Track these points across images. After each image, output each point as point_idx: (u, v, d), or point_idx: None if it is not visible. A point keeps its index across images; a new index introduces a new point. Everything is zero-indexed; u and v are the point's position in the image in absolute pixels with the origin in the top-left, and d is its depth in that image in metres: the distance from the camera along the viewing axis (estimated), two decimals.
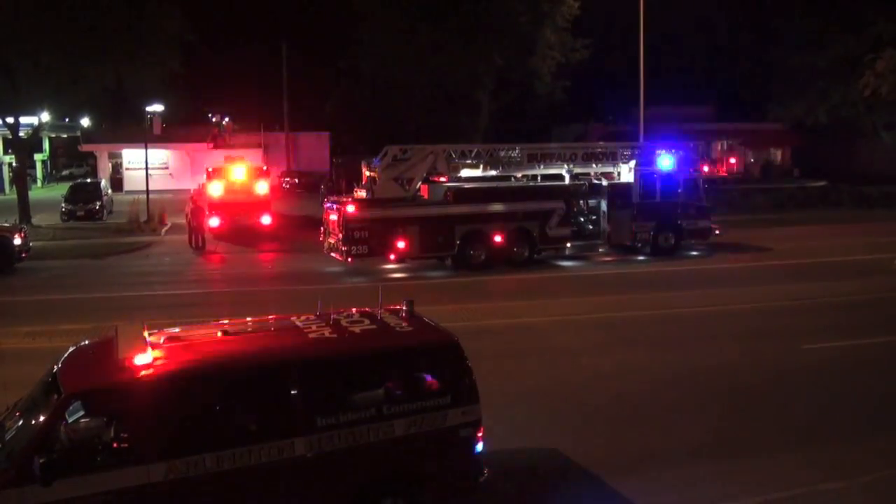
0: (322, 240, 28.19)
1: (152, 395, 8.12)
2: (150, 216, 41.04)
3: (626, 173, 30.42)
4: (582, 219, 29.57)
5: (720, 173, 33.55)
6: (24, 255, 28.40)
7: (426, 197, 28.00)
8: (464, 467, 9.36)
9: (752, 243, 32.31)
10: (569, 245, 28.88)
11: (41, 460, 7.45)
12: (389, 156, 28.25)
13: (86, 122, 64.64)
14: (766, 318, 19.92)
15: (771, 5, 59.71)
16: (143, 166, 46.36)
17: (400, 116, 58.74)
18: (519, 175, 30.31)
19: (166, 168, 64.88)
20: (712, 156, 33.62)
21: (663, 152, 30.44)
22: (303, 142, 72.22)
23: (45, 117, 45.43)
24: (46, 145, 70.97)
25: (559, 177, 30.24)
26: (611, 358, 16.53)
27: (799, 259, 28.80)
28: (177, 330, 9.52)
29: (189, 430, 8.33)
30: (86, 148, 68.08)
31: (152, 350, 8.49)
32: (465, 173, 29.13)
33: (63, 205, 43.77)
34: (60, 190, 51.57)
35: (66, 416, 8.22)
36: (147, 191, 43.42)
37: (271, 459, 8.33)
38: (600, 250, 30.13)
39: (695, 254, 30.39)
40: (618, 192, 29.68)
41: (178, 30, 41.89)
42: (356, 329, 9.58)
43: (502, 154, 29.72)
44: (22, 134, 43.24)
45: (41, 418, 8.08)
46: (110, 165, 66.14)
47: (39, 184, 68.46)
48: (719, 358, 16.38)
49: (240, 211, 35.91)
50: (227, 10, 74.82)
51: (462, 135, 53.65)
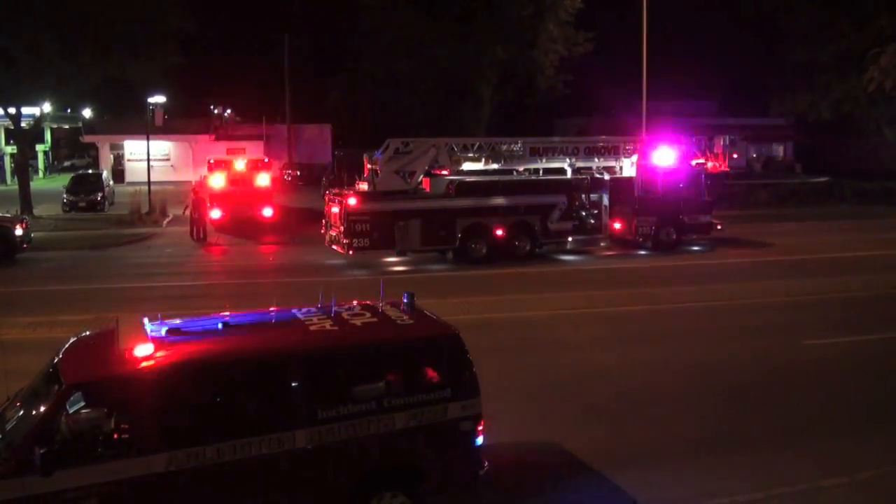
0: (323, 232, 28.20)
1: (153, 386, 8.12)
2: (152, 208, 41.06)
3: (628, 167, 30.41)
4: (584, 213, 29.54)
5: (722, 168, 33.47)
6: (25, 245, 28.43)
7: (428, 190, 28.00)
8: (464, 460, 9.35)
9: (753, 238, 32.30)
10: (570, 239, 28.89)
11: (41, 451, 7.44)
12: (391, 148, 28.23)
13: (87, 113, 64.67)
14: (766, 313, 19.90)
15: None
16: (144, 157, 46.32)
17: (402, 109, 58.75)
18: (521, 169, 30.30)
19: (168, 159, 64.90)
20: (714, 150, 33.50)
21: (665, 147, 30.41)
22: (304, 134, 72.19)
23: (47, 108, 45.46)
24: (48, 136, 70.96)
25: (561, 171, 30.21)
26: (611, 352, 16.53)
27: (800, 255, 28.77)
28: (178, 321, 9.50)
29: (190, 421, 8.32)
30: (87, 139, 68.14)
31: (153, 341, 8.49)
32: (466, 167, 29.12)
33: (65, 196, 43.80)
34: (62, 181, 51.56)
35: (67, 407, 8.21)
36: (149, 182, 43.41)
37: (272, 451, 8.33)
38: (602, 244, 30.14)
39: (696, 249, 30.37)
40: (620, 187, 29.67)
41: (179, 21, 41.83)
42: (357, 322, 9.58)
43: (504, 148, 29.70)
44: (24, 124, 43.25)
45: (42, 409, 8.08)
46: (112, 157, 66.18)
47: (41, 175, 68.45)
48: (720, 353, 16.38)
49: (241, 203, 35.91)
50: (230, 2, 74.61)
51: (464, 128, 53.67)
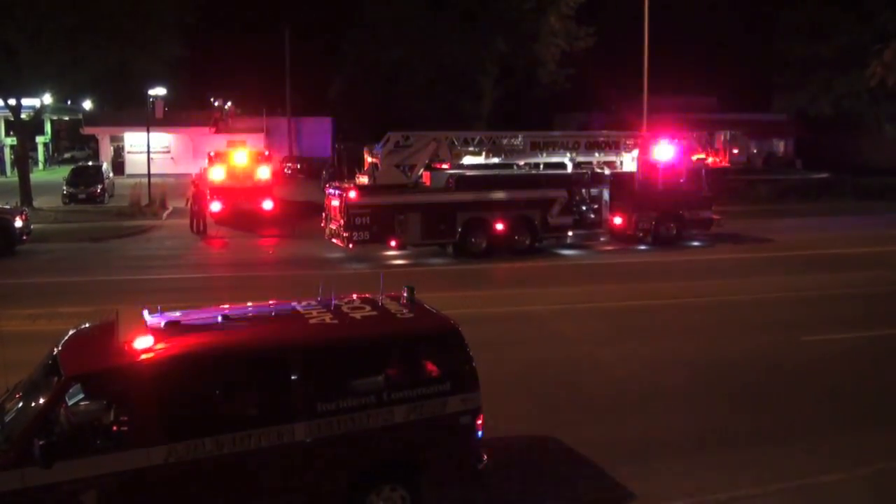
0: (323, 226, 28.17)
1: (152, 378, 8.12)
2: (152, 200, 41.05)
3: (628, 162, 30.39)
4: (584, 207, 29.51)
5: (723, 163, 33.45)
6: (25, 237, 28.42)
7: (428, 184, 27.95)
8: (463, 454, 9.36)
9: (753, 234, 32.28)
10: (570, 234, 28.88)
11: (41, 442, 7.46)
12: (392, 142, 28.20)
13: (88, 105, 64.52)
14: (766, 309, 19.90)
15: None
16: (144, 150, 46.26)
17: (403, 102, 58.68)
18: (521, 163, 30.26)
19: (168, 152, 64.75)
20: (715, 146, 33.50)
21: (666, 142, 30.38)
22: (305, 127, 72.12)
23: (48, 99, 45.37)
24: (48, 128, 70.88)
25: (562, 165, 30.19)
26: (611, 347, 16.54)
27: (800, 250, 28.75)
28: (177, 314, 9.50)
29: (189, 413, 8.34)
30: (88, 131, 68.06)
31: (153, 334, 8.49)
32: (467, 160, 29.08)
33: (65, 188, 43.76)
34: (62, 173, 51.49)
35: (67, 399, 8.24)
36: (149, 174, 43.40)
37: (271, 444, 8.34)
38: (602, 239, 30.13)
39: (696, 244, 30.36)
40: (620, 182, 29.65)
41: (179, 12, 41.76)
42: (357, 315, 9.57)
43: (505, 142, 29.69)
44: (24, 116, 43.17)
45: (41, 401, 8.08)
46: (112, 149, 66.06)
47: (41, 166, 68.41)
48: (719, 349, 16.38)
49: (241, 196, 35.89)
50: None
51: (465, 122, 53.63)
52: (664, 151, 30.08)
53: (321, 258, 27.20)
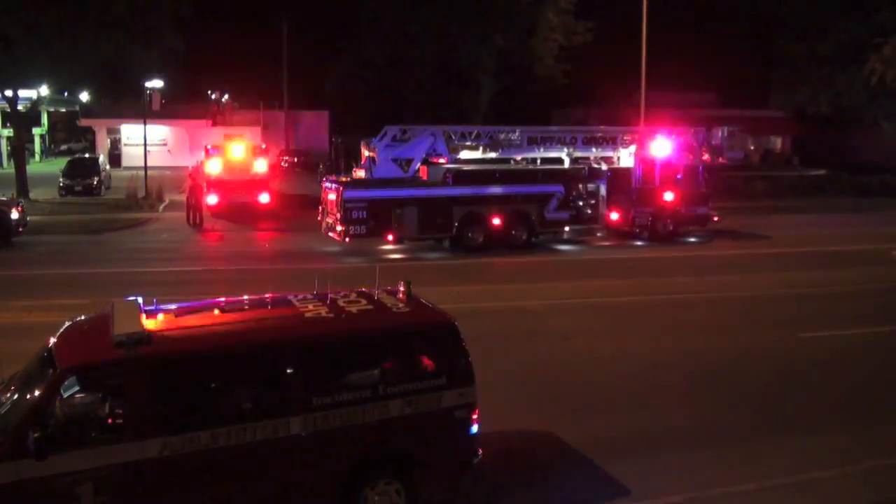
0: (320, 219, 28.13)
1: (148, 371, 8.10)
2: (149, 192, 40.99)
3: (625, 158, 30.39)
4: (581, 203, 29.50)
5: (720, 160, 33.50)
6: (21, 229, 28.33)
7: (425, 178, 27.94)
8: (458, 449, 9.36)
9: (750, 231, 32.30)
10: (567, 229, 28.87)
11: (36, 435, 7.44)
12: (389, 136, 28.18)
13: (84, 97, 64.33)
14: (762, 305, 19.92)
15: None
16: (141, 142, 46.27)
17: (400, 96, 58.57)
18: (518, 158, 30.29)
19: (165, 144, 64.66)
20: (712, 142, 33.57)
21: (663, 138, 30.37)
22: (302, 120, 71.99)
23: (44, 91, 45.28)
24: (45, 119, 70.63)
25: (559, 160, 30.20)
26: (606, 342, 16.54)
27: (797, 247, 28.77)
28: (173, 307, 9.48)
29: (184, 406, 8.34)
30: (84, 123, 67.91)
31: (148, 327, 8.46)
32: (464, 155, 29.08)
33: (61, 180, 43.63)
34: (58, 164, 51.35)
35: (62, 391, 8.21)
36: (145, 167, 43.35)
37: (266, 437, 8.33)
38: (598, 235, 30.14)
39: (693, 240, 30.36)
40: (617, 177, 29.64)
41: (176, 4, 41.62)
42: (353, 309, 9.56)
43: (502, 136, 29.71)
44: (20, 107, 43.06)
45: (36, 393, 8.07)
46: (109, 141, 65.97)
47: (37, 158, 68.21)
48: (715, 345, 16.39)
49: (238, 189, 35.80)
50: None
51: (462, 116, 53.54)
52: (661, 147, 30.07)
53: (317, 252, 27.16)
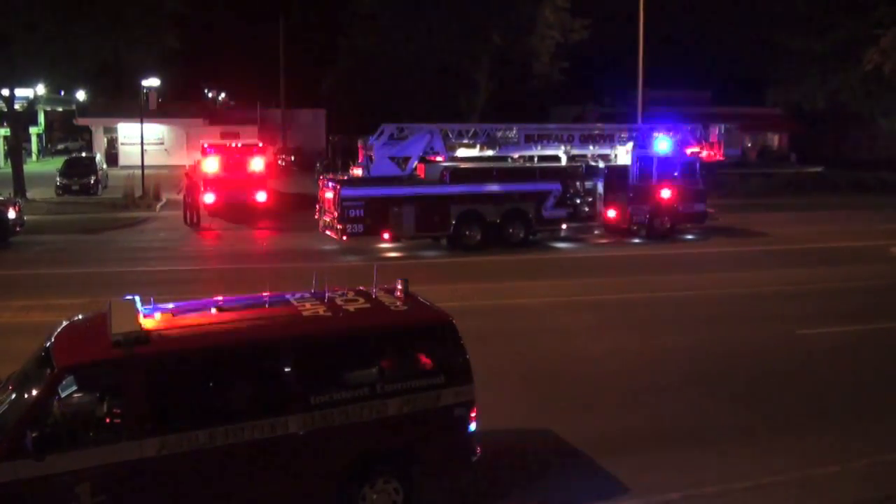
0: (317, 218, 28.13)
1: (145, 370, 8.10)
2: (146, 191, 40.95)
3: (623, 155, 30.37)
4: (578, 200, 29.51)
5: (717, 157, 33.52)
6: (18, 228, 28.31)
7: (422, 176, 27.93)
8: (457, 447, 9.36)
9: (747, 228, 32.29)
10: (564, 227, 28.86)
11: (33, 434, 7.44)
12: (386, 134, 28.16)
13: (81, 96, 64.31)
14: (760, 302, 19.93)
15: None
16: (138, 141, 46.18)
17: (397, 94, 58.54)
18: (516, 156, 30.27)
19: (162, 143, 64.58)
20: (710, 139, 33.65)
21: (661, 135, 30.37)
22: (299, 119, 71.93)
23: (41, 90, 45.18)
24: (42, 118, 70.61)
25: (556, 158, 30.20)
26: (604, 340, 16.55)
27: (795, 244, 28.81)
28: (171, 306, 9.47)
29: (182, 406, 8.32)
30: (81, 122, 67.85)
31: (145, 326, 8.45)
32: (461, 153, 29.06)
33: (58, 179, 43.56)
34: (55, 164, 51.28)
35: (59, 391, 8.20)
36: (142, 166, 43.29)
37: (264, 436, 8.33)
38: (596, 232, 30.14)
39: (690, 237, 30.37)
40: (615, 175, 29.64)
41: (173, 3, 41.59)
42: (351, 307, 9.55)
43: (499, 134, 29.69)
44: (17, 106, 42.99)
45: (34, 392, 8.06)
46: (105, 140, 65.90)
47: (34, 157, 68.09)
48: (713, 342, 16.39)
49: (235, 188, 35.78)
50: None
51: (459, 114, 53.58)
52: (659, 144, 30.07)
53: (315, 250, 27.14)
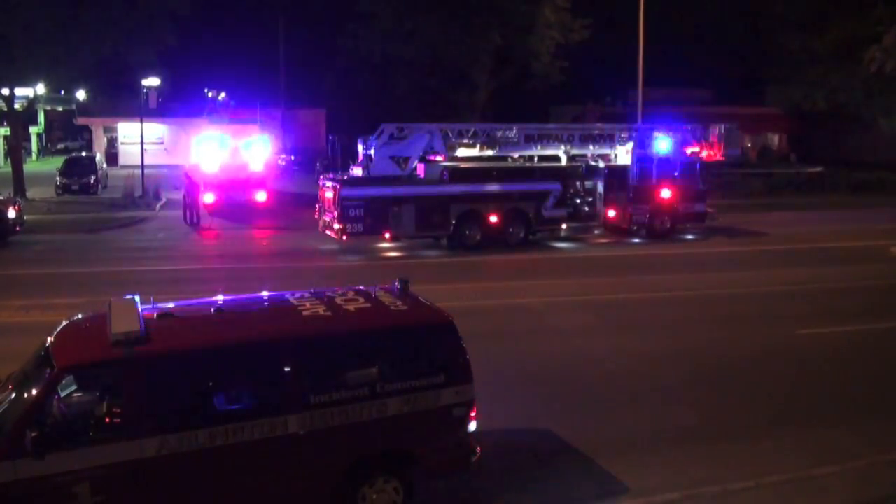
0: (317, 217, 28.12)
1: (145, 370, 8.10)
2: (146, 191, 40.95)
3: (623, 155, 30.37)
4: (578, 200, 29.50)
5: (717, 157, 33.53)
6: (18, 228, 28.32)
7: (422, 176, 27.92)
8: (456, 446, 9.37)
9: (747, 227, 32.28)
10: (564, 226, 28.85)
11: (33, 434, 7.44)
12: (386, 134, 28.15)
13: (81, 96, 64.30)
14: (760, 302, 19.93)
15: None
16: (138, 141, 46.18)
17: (397, 94, 58.54)
18: (516, 155, 30.26)
19: (162, 143, 64.59)
20: (710, 139, 33.66)
21: (661, 135, 30.36)
22: (299, 118, 71.94)
23: (41, 90, 45.17)
24: (41, 118, 70.62)
25: (556, 158, 30.19)
26: (603, 340, 16.55)
27: (795, 244, 28.79)
28: (170, 306, 9.47)
29: (182, 405, 8.32)
30: (81, 121, 67.90)
31: (145, 325, 8.45)
32: (461, 153, 29.05)
33: (58, 178, 43.59)
34: (55, 163, 51.31)
35: (59, 391, 8.21)
36: (142, 165, 43.30)
37: (264, 436, 8.33)
38: (596, 232, 30.14)
39: (690, 237, 30.37)
40: (615, 174, 29.64)
41: (173, 4, 41.58)
42: (351, 307, 9.55)
43: (499, 134, 29.69)
44: (17, 106, 42.98)
45: (33, 392, 8.05)
46: (105, 139, 65.90)
47: (34, 157, 68.12)
48: (713, 342, 16.40)
49: (235, 187, 35.79)
50: None
51: (459, 114, 53.54)
52: (659, 144, 30.05)
53: (315, 250, 27.14)
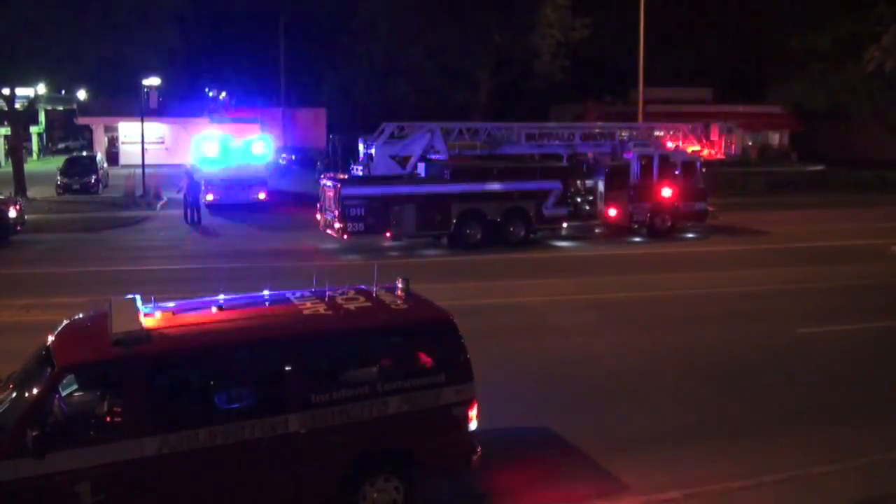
0: (318, 216, 28.13)
1: (146, 369, 8.10)
2: (146, 190, 40.95)
3: (623, 154, 30.34)
4: (579, 199, 29.51)
5: (718, 155, 33.54)
6: (19, 227, 28.34)
7: (423, 175, 27.93)
8: (457, 445, 9.37)
9: (748, 226, 32.24)
10: (565, 225, 28.85)
11: (34, 433, 7.45)
12: (386, 133, 28.17)
13: (82, 95, 64.28)
14: (761, 301, 19.92)
15: None
16: (139, 140, 46.18)
17: (398, 93, 58.58)
18: (516, 154, 30.24)
19: (162, 142, 64.58)
20: (710, 138, 33.67)
21: (659, 133, 30.36)
22: (300, 118, 71.92)
23: (42, 89, 45.18)
24: (42, 118, 70.63)
25: (557, 156, 30.19)
26: (603, 338, 16.55)
27: (795, 243, 28.78)
28: (171, 305, 9.48)
29: (183, 404, 8.34)
30: (82, 121, 67.89)
31: (146, 325, 8.46)
32: (462, 152, 29.04)
33: (59, 178, 43.61)
34: (56, 163, 51.32)
35: (60, 390, 8.22)
36: (143, 165, 43.30)
37: (265, 435, 8.34)
38: (597, 231, 30.13)
39: (691, 236, 30.36)
40: (615, 173, 29.63)
41: (175, 5, 41.62)
42: (351, 306, 9.55)
43: (500, 133, 29.67)
44: (18, 105, 42.99)
45: (34, 391, 8.06)
46: (106, 139, 65.92)
47: (35, 156, 68.17)
48: (713, 340, 16.40)
49: (235, 187, 35.81)
50: None
51: (460, 112, 53.53)
52: (658, 143, 30.06)
53: (316, 249, 27.15)
